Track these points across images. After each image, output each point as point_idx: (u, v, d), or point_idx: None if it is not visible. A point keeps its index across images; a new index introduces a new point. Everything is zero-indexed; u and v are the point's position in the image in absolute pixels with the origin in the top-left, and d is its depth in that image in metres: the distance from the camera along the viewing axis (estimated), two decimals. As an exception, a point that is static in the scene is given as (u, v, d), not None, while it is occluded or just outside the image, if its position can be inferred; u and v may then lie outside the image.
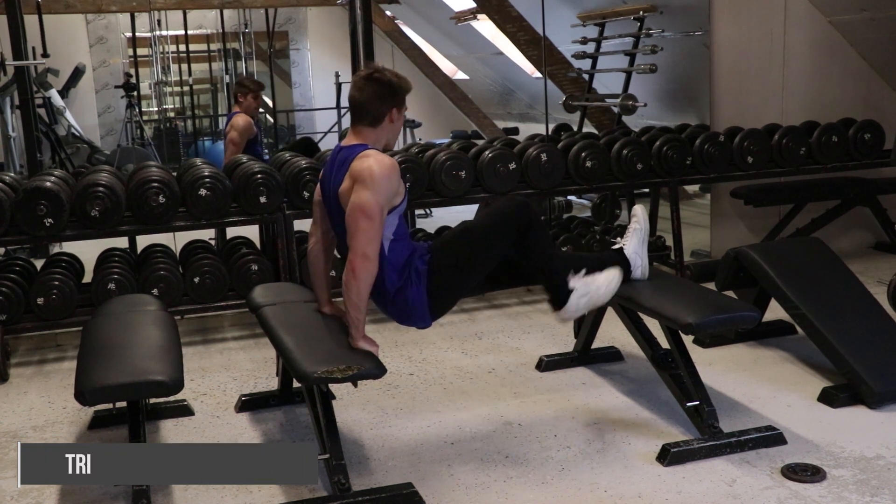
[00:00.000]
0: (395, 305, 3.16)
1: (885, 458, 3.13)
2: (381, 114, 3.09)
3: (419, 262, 3.14)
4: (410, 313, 3.17)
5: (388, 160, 3.01)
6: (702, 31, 6.06)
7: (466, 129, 11.00)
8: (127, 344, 3.17)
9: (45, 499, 3.10)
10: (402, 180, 3.11)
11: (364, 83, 3.10)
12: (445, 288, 3.19)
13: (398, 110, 3.12)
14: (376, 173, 2.94)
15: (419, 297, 3.13)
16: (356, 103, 3.12)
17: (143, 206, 4.57)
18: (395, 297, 3.13)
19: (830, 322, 3.82)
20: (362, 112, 3.10)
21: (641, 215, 3.67)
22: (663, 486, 3.00)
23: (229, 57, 10.44)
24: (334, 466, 2.96)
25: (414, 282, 3.12)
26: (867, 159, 5.87)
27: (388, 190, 2.97)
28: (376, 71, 3.11)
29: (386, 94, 3.08)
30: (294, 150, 6.16)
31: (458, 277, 3.21)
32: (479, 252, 3.20)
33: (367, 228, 2.91)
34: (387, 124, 3.11)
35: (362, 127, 3.11)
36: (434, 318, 3.22)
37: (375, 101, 3.08)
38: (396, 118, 3.12)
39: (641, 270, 3.57)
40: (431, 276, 3.14)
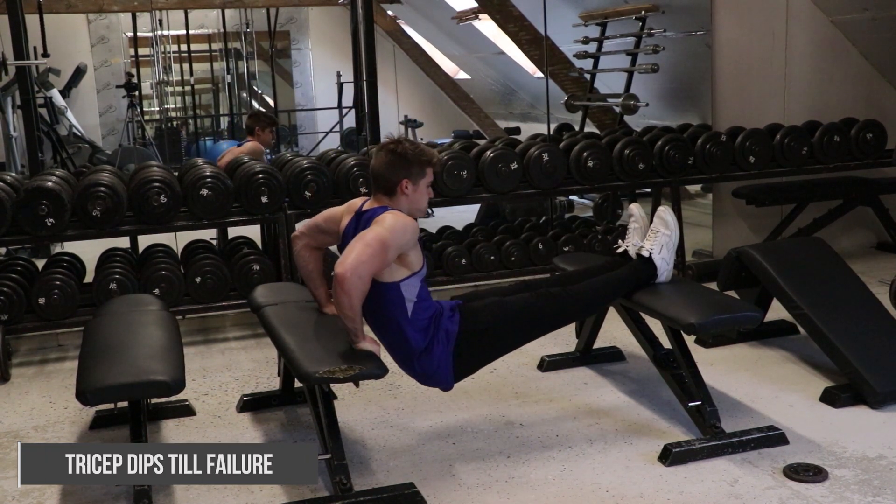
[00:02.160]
0: (421, 366, 3.13)
1: (887, 458, 3.13)
2: (393, 184, 3.08)
3: (449, 323, 3.13)
4: (434, 373, 3.15)
5: (409, 218, 3.04)
6: (703, 31, 6.05)
7: (468, 129, 10.99)
8: (128, 344, 3.17)
9: (47, 499, 3.10)
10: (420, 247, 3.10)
11: (379, 152, 3.14)
12: (472, 352, 3.19)
13: (411, 182, 3.08)
14: (391, 220, 2.96)
15: (445, 357, 3.12)
16: (371, 171, 3.16)
17: (145, 206, 4.57)
18: (420, 357, 3.11)
19: (832, 322, 3.82)
20: (377, 181, 3.13)
21: (638, 213, 3.68)
22: (665, 487, 3.00)
23: (231, 57, 10.44)
24: (336, 466, 2.96)
25: (441, 342, 3.11)
26: (869, 159, 5.87)
27: (401, 237, 2.95)
28: (394, 142, 3.12)
29: (398, 164, 3.07)
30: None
31: (488, 343, 3.23)
32: (511, 324, 3.26)
33: (361, 251, 2.87)
34: (400, 195, 3.09)
35: (381, 195, 3.13)
36: (457, 379, 3.21)
37: (387, 171, 3.09)
38: (411, 190, 3.09)
39: (666, 275, 3.59)
40: (461, 336, 3.13)
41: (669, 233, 3.56)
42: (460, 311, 3.18)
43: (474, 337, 3.16)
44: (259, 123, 6.04)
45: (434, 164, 3.14)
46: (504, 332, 3.26)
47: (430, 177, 3.15)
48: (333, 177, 4.91)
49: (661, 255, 3.55)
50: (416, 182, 3.10)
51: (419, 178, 3.11)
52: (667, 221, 3.57)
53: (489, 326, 3.20)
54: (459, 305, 3.23)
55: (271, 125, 6.14)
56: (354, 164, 4.88)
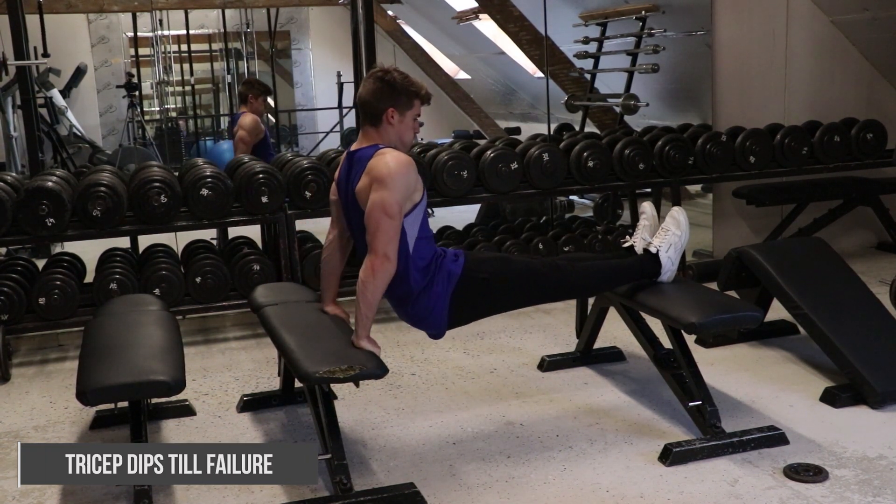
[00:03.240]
0: (417, 305, 3.13)
1: (888, 458, 3.13)
2: (378, 112, 3.07)
3: (452, 265, 3.14)
4: (428, 315, 3.16)
5: (404, 157, 3.03)
6: (704, 31, 6.05)
7: (468, 129, 11.00)
8: (129, 344, 3.17)
9: (47, 499, 3.10)
10: (420, 177, 3.09)
11: (366, 80, 3.12)
12: (471, 299, 3.19)
13: (396, 111, 3.06)
14: (393, 170, 2.95)
15: (443, 299, 3.12)
16: (359, 100, 3.15)
17: (145, 206, 4.57)
18: (417, 297, 3.11)
19: (833, 322, 3.82)
20: (363, 109, 3.11)
21: (651, 212, 3.69)
22: (665, 486, 3.00)
23: (231, 57, 10.44)
24: (336, 466, 2.96)
25: (440, 282, 3.11)
26: (869, 159, 5.87)
27: (406, 186, 2.97)
28: (382, 70, 3.10)
29: (384, 92, 3.06)
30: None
31: (486, 293, 3.22)
32: (513, 281, 3.28)
33: (387, 228, 2.91)
34: (386, 125, 3.08)
35: (367, 127, 3.12)
36: (450, 326, 3.21)
37: (372, 98, 3.07)
38: (396, 120, 3.07)
39: (670, 275, 3.59)
40: (462, 280, 3.13)
41: (680, 233, 3.57)
42: (465, 257, 3.20)
43: (475, 284, 3.17)
44: (252, 91, 6.05)
45: (422, 96, 3.12)
46: (504, 287, 3.26)
47: (417, 109, 3.13)
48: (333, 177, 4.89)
49: (668, 253, 3.55)
50: (403, 112, 3.09)
51: (406, 108, 3.09)
52: (679, 222, 3.58)
53: (491, 277, 3.20)
54: (465, 252, 3.25)
55: (265, 93, 6.14)
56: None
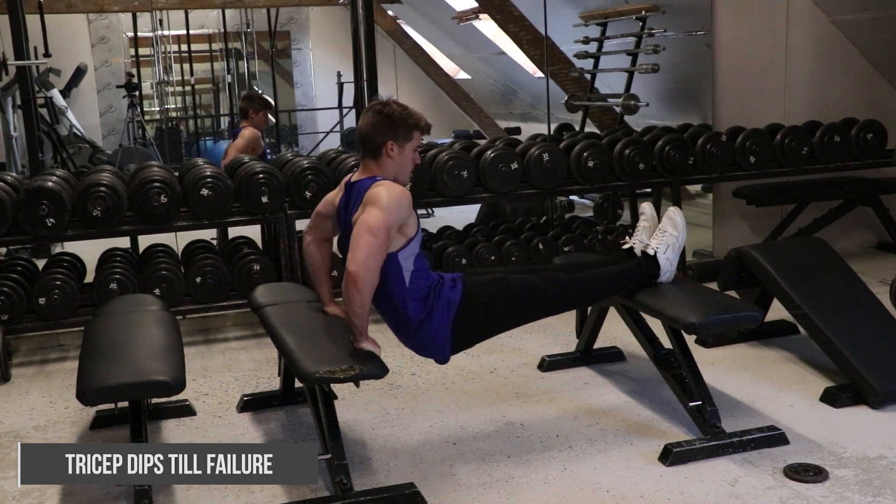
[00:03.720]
0: (418, 335, 3.14)
1: (888, 458, 3.13)
2: (378, 145, 3.06)
3: (450, 293, 3.13)
4: (432, 343, 3.15)
5: (400, 188, 3.02)
6: (704, 31, 6.05)
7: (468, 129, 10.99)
8: (129, 344, 3.17)
9: (47, 499, 3.10)
10: (414, 212, 3.09)
11: (365, 113, 3.11)
12: (472, 324, 3.19)
13: (396, 144, 3.06)
14: (385, 196, 2.95)
15: (444, 327, 3.12)
16: (358, 132, 3.15)
17: (145, 206, 4.57)
18: (418, 328, 3.11)
19: (833, 322, 3.82)
20: (363, 142, 3.11)
21: (650, 212, 3.68)
22: (665, 486, 3.00)
23: (231, 57, 10.44)
24: (336, 466, 2.96)
25: (440, 311, 3.11)
26: (869, 159, 5.87)
27: (398, 214, 2.95)
28: (381, 103, 3.09)
29: (384, 126, 3.05)
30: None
31: (488, 317, 3.22)
32: (513, 301, 3.27)
33: (370, 244, 2.88)
34: (386, 158, 3.07)
35: (367, 160, 3.12)
36: (454, 352, 3.20)
37: (372, 132, 3.07)
38: (396, 153, 3.07)
39: (668, 276, 3.59)
40: (462, 307, 3.13)
41: (677, 234, 3.57)
42: (463, 282, 3.19)
43: (475, 309, 3.16)
44: (253, 106, 6.04)
45: (421, 127, 3.12)
46: (505, 308, 3.25)
47: (416, 140, 3.13)
48: (334, 177, 4.90)
49: (665, 254, 3.55)
50: (402, 145, 3.08)
51: (405, 141, 3.08)
52: (676, 222, 3.58)
53: (490, 300, 3.19)
54: (462, 277, 3.24)
55: (265, 107, 6.13)
56: (355, 164, 4.88)
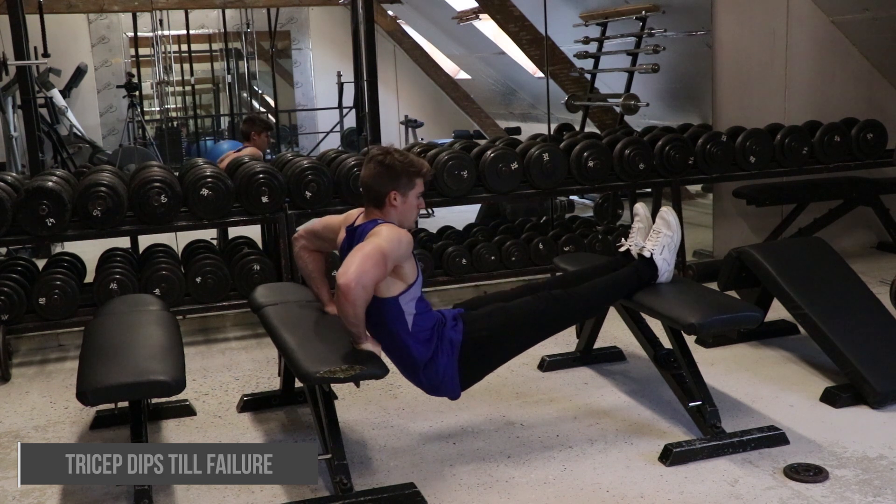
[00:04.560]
0: (427, 376, 3.13)
1: (888, 458, 3.13)
2: (381, 195, 3.06)
3: (452, 333, 3.13)
4: (441, 384, 3.15)
5: (402, 230, 3.03)
6: (704, 31, 6.05)
7: (468, 129, 11.01)
8: (129, 344, 3.17)
9: (47, 499, 3.10)
10: (414, 258, 3.09)
11: (368, 163, 3.11)
12: (477, 360, 3.19)
13: (399, 194, 3.06)
14: (386, 232, 2.95)
15: (450, 367, 3.12)
16: (361, 183, 3.16)
17: (145, 206, 4.57)
18: (425, 369, 3.11)
19: (833, 322, 3.82)
20: (366, 192, 3.11)
21: (644, 213, 3.68)
22: (665, 487, 3.00)
23: (231, 57, 10.44)
24: (336, 466, 2.96)
25: (445, 352, 3.11)
26: (870, 159, 5.86)
27: (397, 248, 2.94)
28: (383, 153, 3.09)
29: (386, 176, 3.05)
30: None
31: (493, 350, 3.22)
32: (516, 329, 3.27)
33: (362, 261, 2.84)
34: (389, 207, 3.07)
35: (371, 208, 3.12)
36: (464, 387, 3.20)
37: (375, 183, 3.07)
38: (400, 202, 3.07)
39: (667, 276, 3.59)
40: (466, 345, 3.13)
41: (671, 234, 3.57)
42: (463, 320, 3.18)
43: (478, 345, 3.16)
44: (255, 128, 6.07)
45: (423, 174, 3.12)
46: (508, 337, 3.26)
47: (419, 188, 3.13)
48: (334, 177, 4.90)
49: (662, 255, 3.56)
50: (405, 193, 3.08)
51: (408, 189, 3.09)
52: (669, 222, 3.58)
53: (493, 333, 3.19)
54: (462, 314, 3.23)
55: (266, 129, 6.16)
56: (355, 165, 4.88)
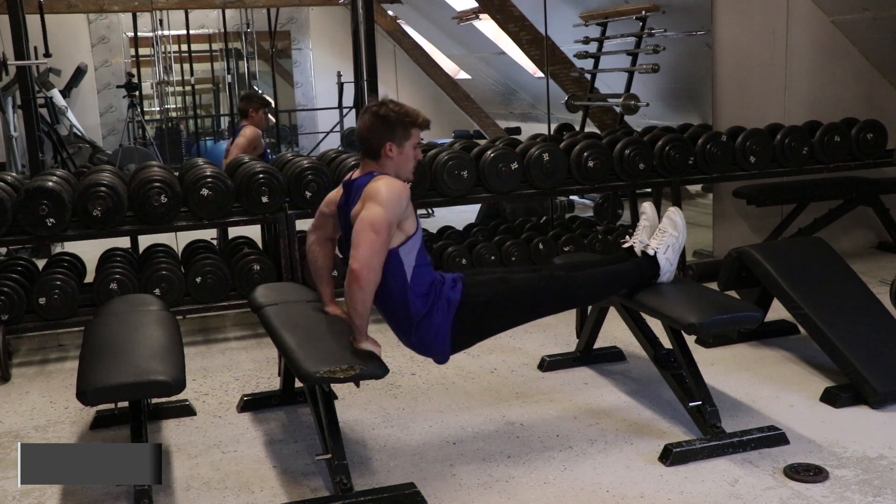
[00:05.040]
0: (419, 332, 3.13)
1: (888, 458, 3.13)
2: (376, 146, 3.07)
3: (451, 292, 3.13)
4: (432, 342, 3.15)
5: (399, 182, 3.03)
6: (704, 31, 6.05)
7: (468, 129, 11.01)
8: (129, 344, 3.17)
9: (47, 499, 3.10)
10: (413, 209, 3.09)
11: (363, 115, 3.13)
12: (472, 324, 3.19)
13: (395, 145, 3.07)
14: (384, 191, 2.95)
15: (444, 325, 3.12)
16: (357, 135, 3.17)
17: (145, 206, 4.57)
18: (419, 324, 3.11)
19: (833, 322, 3.82)
20: (362, 144, 3.13)
21: (651, 212, 3.69)
22: (665, 486, 3.00)
23: (231, 57, 10.45)
24: (336, 466, 2.96)
25: (441, 309, 3.11)
26: (869, 159, 5.86)
27: (398, 208, 2.96)
28: (379, 104, 3.10)
29: (381, 127, 3.06)
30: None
31: (488, 316, 3.23)
32: (513, 300, 3.27)
33: (373, 241, 2.89)
34: (385, 158, 3.08)
35: (367, 160, 3.13)
36: (454, 351, 3.21)
37: (371, 134, 3.08)
38: (396, 153, 3.07)
39: (668, 276, 3.59)
40: (462, 306, 3.13)
41: (677, 234, 3.57)
42: (463, 282, 3.19)
43: (475, 308, 3.16)
44: (253, 104, 6.06)
45: (419, 124, 3.12)
46: (505, 307, 3.26)
47: (415, 138, 3.13)
48: (334, 177, 4.90)
49: (665, 254, 3.56)
50: (401, 144, 3.09)
51: (404, 140, 3.09)
52: (676, 223, 3.58)
53: (491, 299, 3.20)
54: (462, 276, 3.25)
55: (264, 105, 6.15)
56: (355, 164, 4.87)
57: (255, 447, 3.47)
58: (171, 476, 3.23)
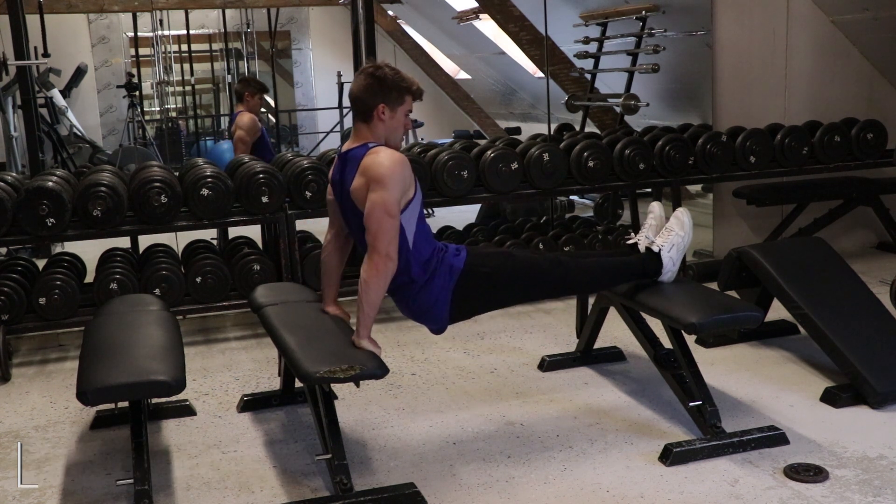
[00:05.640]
0: (418, 299, 3.14)
1: (888, 458, 3.13)
2: (369, 108, 3.06)
3: (454, 259, 3.15)
4: (430, 309, 3.16)
5: (398, 154, 3.03)
6: (704, 31, 6.05)
7: (469, 129, 11.01)
8: (129, 344, 3.17)
9: (47, 499, 3.10)
10: (413, 173, 3.09)
11: (357, 76, 3.13)
12: (473, 293, 3.20)
13: (388, 107, 3.06)
14: (388, 169, 2.95)
15: (444, 293, 3.13)
16: (350, 96, 3.15)
17: (145, 206, 4.57)
18: (419, 291, 3.12)
19: (833, 322, 3.82)
20: (354, 106, 3.12)
21: (659, 211, 3.69)
22: (666, 487, 3.00)
23: (231, 57, 10.44)
24: (336, 466, 2.96)
25: (443, 275, 3.12)
26: (870, 159, 5.86)
27: (402, 184, 2.98)
28: (373, 66, 3.09)
29: (374, 88, 3.05)
30: None
31: (488, 287, 3.24)
32: (515, 276, 3.29)
33: (389, 227, 2.92)
34: (377, 121, 3.07)
35: (359, 123, 3.12)
36: (451, 320, 3.22)
37: (363, 94, 3.07)
38: (388, 116, 3.07)
39: (670, 275, 3.59)
40: (465, 275, 3.15)
41: (683, 234, 3.58)
42: (468, 251, 3.21)
43: (477, 278, 3.18)
44: (249, 88, 6.07)
45: (413, 91, 3.11)
46: (507, 281, 3.28)
47: (408, 105, 3.12)
48: (334, 177, 4.90)
49: (670, 253, 3.56)
50: (394, 108, 3.08)
51: (397, 104, 3.08)
52: (683, 223, 3.59)
53: (493, 272, 3.22)
54: (467, 247, 3.26)
55: (261, 91, 6.15)
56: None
57: (255, 447, 3.47)
58: (171, 476, 3.23)
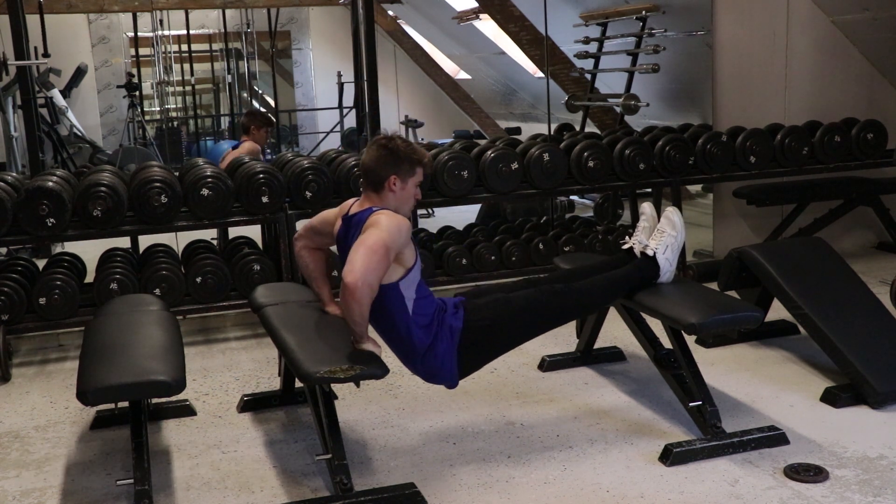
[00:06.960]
0: (425, 363, 3.15)
1: (888, 458, 3.13)
2: (381, 179, 3.08)
3: (453, 319, 3.15)
4: (439, 370, 3.16)
5: (400, 217, 3.03)
6: (704, 31, 6.05)
7: (469, 129, 11.01)
8: (129, 344, 3.17)
9: (47, 499, 3.10)
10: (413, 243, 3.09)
11: (370, 147, 3.14)
12: (477, 349, 3.20)
13: (399, 179, 3.07)
14: (385, 221, 2.96)
15: (449, 354, 3.13)
16: (362, 165, 3.16)
17: (145, 206, 4.57)
18: (425, 355, 3.12)
19: (833, 322, 3.82)
20: (366, 175, 3.12)
21: (650, 212, 3.69)
22: (666, 487, 3.00)
23: (231, 57, 10.45)
24: (336, 466, 2.96)
25: (444, 338, 3.12)
26: (870, 159, 5.87)
27: (397, 237, 2.95)
28: (386, 137, 3.11)
29: (388, 160, 3.07)
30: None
31: (493, 339, 3.24)
32: (516, 320, 3.28)
33: (367, 257, 2.85)
34: (388, 192, 3.09)
35: (369, 192, 3.13)
36: (462, 376, 3.22)
37: (375, 165, 3.08)
38: (399, 187, 3.08)
39: (668, 276, 3.59)
40: (466, 332, 3.14)
41: (676, 234, 3.57)
42: (464, 308, 3.20)
43: (479, 333, 3.17)
44: (255, 122, 6.04)
45: (425, 164, 3.14)
46: (508, 327, 3.27)
47: (419, 177, 3.14)
48: (334, 177, 4.91)
49: (665, 255, 3.56)
50: (405, 180, 3.10)
51: (408, 176, 3.10)
52: (674, 222, 3.59)
53: (493, 322, 3.21)
54: (463, 302, 3.24)
55: (267, 124, 6.13)
56: (355, 164, 4.88)
57: (255, 447, 3.47)
58: (171, 476, 3.24)
